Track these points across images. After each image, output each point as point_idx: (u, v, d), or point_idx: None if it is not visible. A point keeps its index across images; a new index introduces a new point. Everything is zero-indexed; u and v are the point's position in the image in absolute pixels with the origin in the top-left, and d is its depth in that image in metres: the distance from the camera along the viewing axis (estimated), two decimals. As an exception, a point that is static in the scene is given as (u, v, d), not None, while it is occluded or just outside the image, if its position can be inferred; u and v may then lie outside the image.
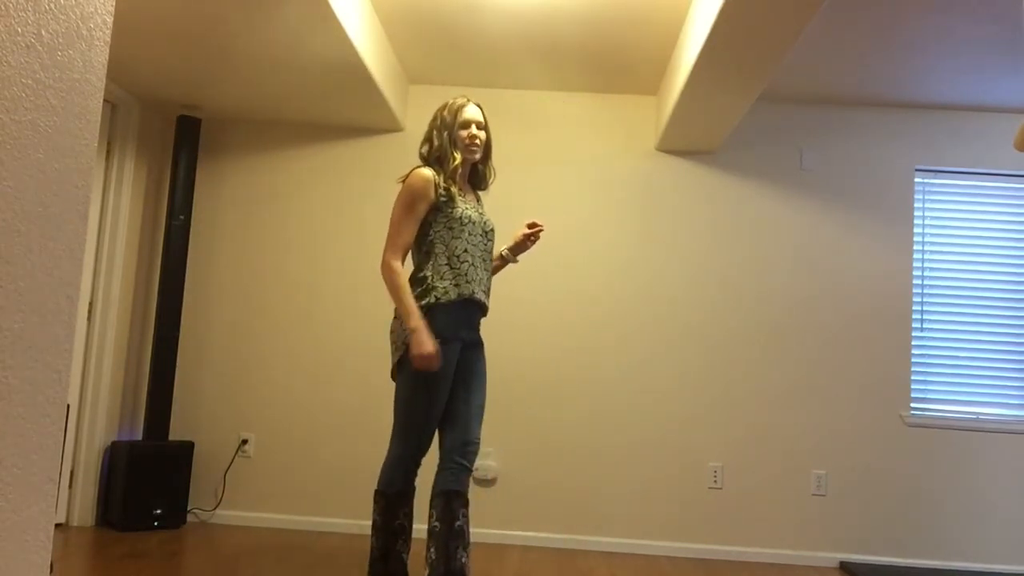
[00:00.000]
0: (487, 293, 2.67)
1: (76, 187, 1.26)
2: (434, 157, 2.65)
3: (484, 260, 2.65)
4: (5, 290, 1.11)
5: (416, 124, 4.38)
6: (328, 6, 2.97)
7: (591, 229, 4.28)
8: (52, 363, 1.22)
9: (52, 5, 1.18)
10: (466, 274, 2.57)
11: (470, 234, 2.60)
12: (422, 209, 2.57)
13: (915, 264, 4.23)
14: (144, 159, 4.25)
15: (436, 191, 2.57)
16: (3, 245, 1.10)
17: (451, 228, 2.58)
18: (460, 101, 2.69)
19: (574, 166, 4.32)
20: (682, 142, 4.18)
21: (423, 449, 2.60)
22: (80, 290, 2.34)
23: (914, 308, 4.20)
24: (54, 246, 1.21)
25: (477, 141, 2.67)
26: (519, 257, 2.89)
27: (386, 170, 4.37)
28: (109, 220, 4.05)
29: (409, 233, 2.58)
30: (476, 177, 2.78)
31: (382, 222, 4.37)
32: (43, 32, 1.16)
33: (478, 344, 2.69)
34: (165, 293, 4.12)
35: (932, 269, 4.24)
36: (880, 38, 3.53)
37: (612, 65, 3.99)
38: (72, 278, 1.26)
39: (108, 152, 4.08)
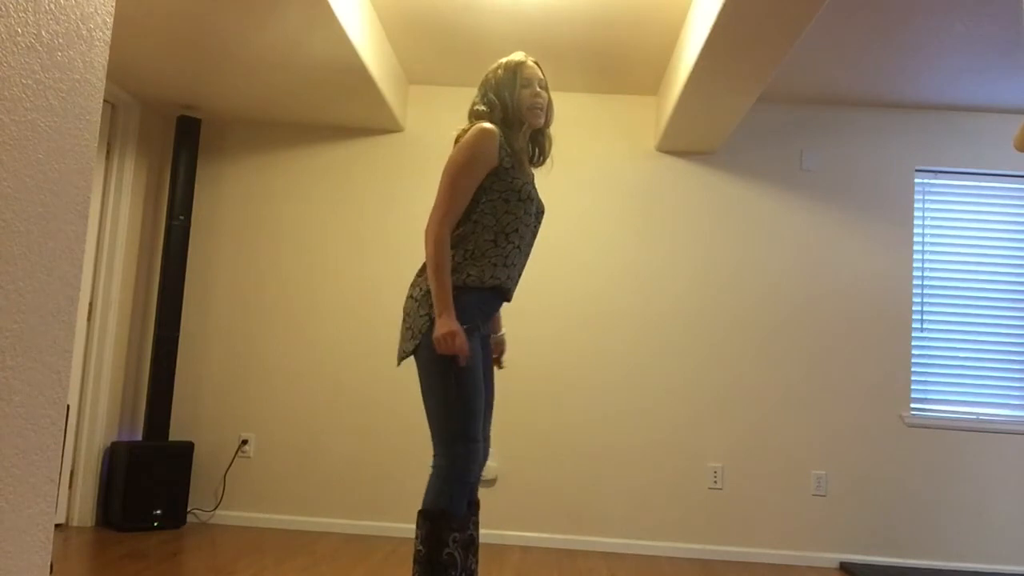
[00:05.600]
0: (517, 283, 2.39)
1: (76, 187, 1.26)
2: (498, 119, 2.30)
3: (530, 244, 2.37)
4: (5, 290, 1.11)
5: (416, 124, 4.38)
6: (328, 6, 2.97)
7: (591, 229, 4.28)
8: (52, 363, 1.22)
9: (52, 5, 1.18)
10: (508, 257, 2.27)
11: (525, 212, 2.28)
12: (483, 172, 2.23)
13: (915, 264, 4.23)
14: (144, 159, 4.25)
15: (502, 153, 2.24)
16: (3, 245, 1.10)
17: (507, 201, 2.25)
18: (517, 57, 2.35)
19: (574, 166, 4.32)
20: (682, 142, 4.18)
21: (479, 447, 2.22)
22: (80, 290, 2.34)
23: (914, 308, 4.20)
24: (54, 246, 1.21)
25: (540, 102, 2.32)
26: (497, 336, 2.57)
27: (386, 170, 4.38)
28: (109, 220, 4.05)
29: (465, 199, 2.23)
30: (532, 148, 2.43)
31: (382, 222, 4.40)
32: (43, 32, 1.16)
33: (487, 337, 2.42)
34: (165, 293, 4.12)
35: (932, 269, 4.24)
36: (880, 38, 3.53)
37: (612, 65, 3.99)
38: (72, 278, 1.26)
39: (108, 152, 4.08)
